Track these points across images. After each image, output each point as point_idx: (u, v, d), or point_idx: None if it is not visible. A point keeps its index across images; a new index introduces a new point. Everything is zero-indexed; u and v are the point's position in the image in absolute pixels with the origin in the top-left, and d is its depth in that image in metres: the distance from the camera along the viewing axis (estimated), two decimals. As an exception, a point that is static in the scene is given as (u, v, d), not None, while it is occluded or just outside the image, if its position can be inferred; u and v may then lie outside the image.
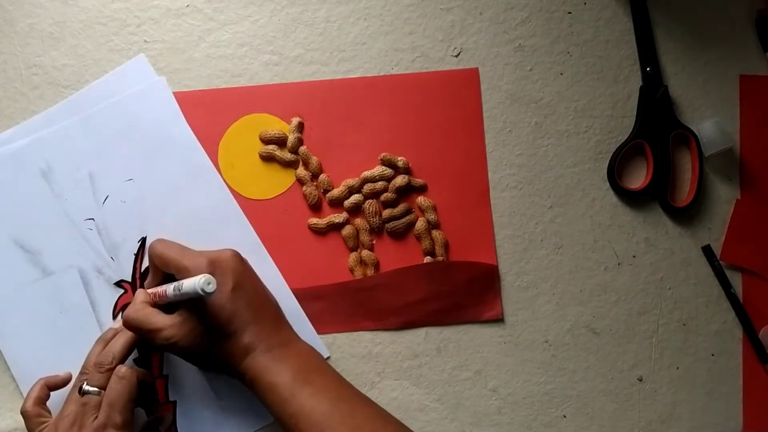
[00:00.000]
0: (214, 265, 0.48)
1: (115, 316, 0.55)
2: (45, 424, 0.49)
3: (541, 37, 0.59)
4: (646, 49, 0.59)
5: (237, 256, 0.51)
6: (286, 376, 0.47)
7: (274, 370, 0.47)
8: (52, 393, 0.52)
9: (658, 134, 0.58)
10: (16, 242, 0.55)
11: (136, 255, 0.56)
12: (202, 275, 0.44)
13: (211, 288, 0.44)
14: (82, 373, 0.50)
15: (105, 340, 0.52)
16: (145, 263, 0.56)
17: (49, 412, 0.51)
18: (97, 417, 0.47)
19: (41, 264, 0.55)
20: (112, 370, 0.48)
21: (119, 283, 0.56)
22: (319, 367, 0.50)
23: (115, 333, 0.52)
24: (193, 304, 0.48)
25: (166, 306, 0.50)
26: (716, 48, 0.60)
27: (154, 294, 0.50)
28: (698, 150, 0.58)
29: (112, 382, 0.48)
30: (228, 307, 0.48)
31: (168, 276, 0.52)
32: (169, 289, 0.48)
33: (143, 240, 0.56)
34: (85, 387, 0.48)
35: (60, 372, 0.53)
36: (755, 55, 0.60)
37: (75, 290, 0.55)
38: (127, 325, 0.49)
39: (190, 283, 0.44)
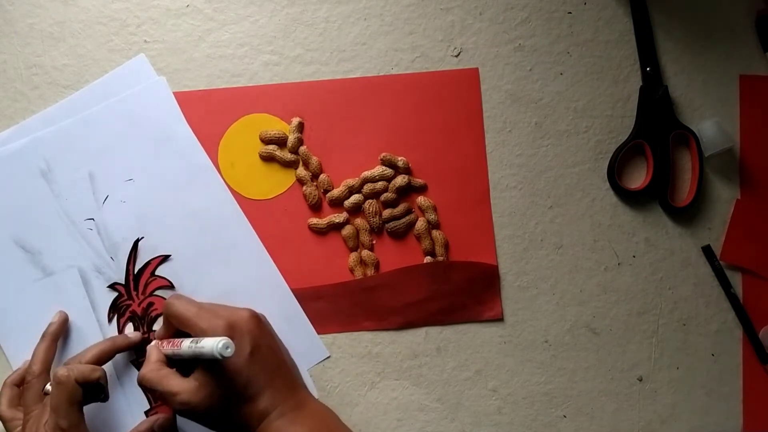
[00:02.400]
0: (232, 328, 0.47)
1: (110, 320, 0.55)
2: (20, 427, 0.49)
3: (541, 37, 0.59)
4: (646, 49, 0.59)
5: (254, 317, 0.50)
6: None
7: None
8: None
9: (658, 134, 0.58)
10: (17, 242, 0.55)
11: (129, 257, 0.56)
12: (221, 338, 0.43)
13: (229, 352, 0.43)
14: None
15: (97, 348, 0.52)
16: (139, 264, 0.56)
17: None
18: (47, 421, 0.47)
19: (41, 264, 0.55)
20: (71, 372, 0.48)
21: (113, 286, 0.55)
22: (334, 427, 0.49)
23: (113, 342, 0.52)
24: (208, 367, 0.47)
25: (180, 363, 0.49)
26: (716, 48, 0.60)
27: (169, 344, 0.49)
28: (698, 150, 0.58)
29: (52, 387, 0.47)
30: (245, 372, 0.47)
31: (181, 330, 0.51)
32: (185, 344, 0.47)
33: (136, 242, 0.56)
34: (47, 387, 0.49)
35: (15, 366, 0.54)
36: (755, 55, 0.60)
37: (75, 290, 0.55)
38: (142, 384, 0.48)
39: (208, 345, 0.44)
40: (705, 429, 0.58)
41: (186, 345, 0.46)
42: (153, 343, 0.52)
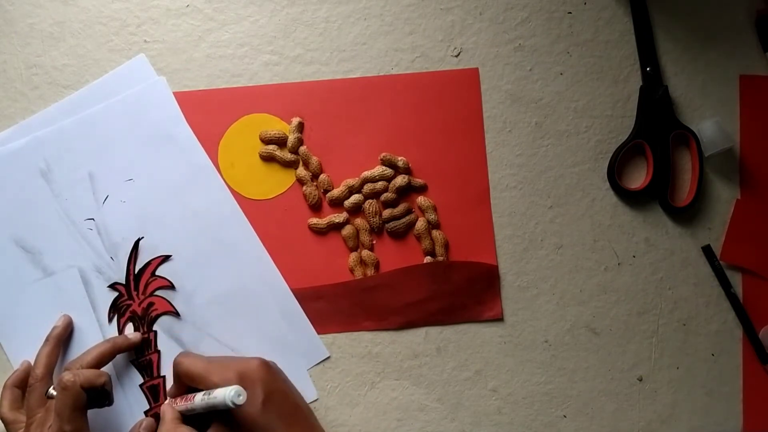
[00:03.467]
0: (242, 378, 0.47)
1: (110, 319, 0.55)
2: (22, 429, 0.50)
3: (541, 37, 0.59)
4: (646, 49, 0.59)
5: (264, 364, 0.49)
6: None
7: None
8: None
9: (658, 134, 0.58)
10: (17, 242, 0.55)
11: (130, 257, 0.56)
12: (232, 387, 0.43)
13: (241, 400, 0.43)
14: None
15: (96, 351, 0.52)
16: (139, 265, 0.56)
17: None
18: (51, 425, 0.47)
19: (42, 264, 0.55)
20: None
21: (113, 286, 0.56)
22: None
23: (113, 344, 0.52)
24: (224, 420, 0.46)
25: (195, 420, 0.49)
26: (716, 48, 0.60)
27: (182, 400, 0.49)
28: (698, 150, 0.58)
29: (57, 392, 0.47)
30: (260, 421, 0.46)
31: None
32: (197, 398, 0.47)
33: (137, 242, 0.56)
34: (50, 391, 0.49)
35: (17, 366, 0.54)
36: (755, 55, 0.60)
37: (75, 290, 0.55)
38: None
39: (220, 395, 0.44)
40: (705, 429, 0.58)
41: (199, 398, 0.46)
42: (166, 401, 0.51)
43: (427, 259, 0.57)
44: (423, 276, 0.57)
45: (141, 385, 0.55)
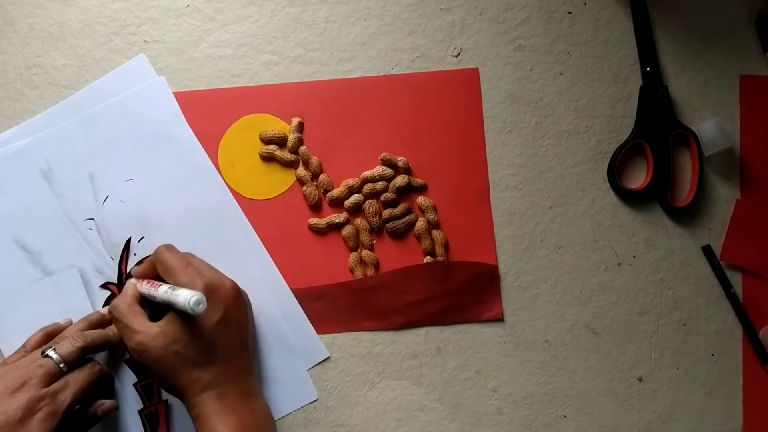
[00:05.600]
0: (210, 291, 0.48)
1: None
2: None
3: (541, 37, 0.59)
4: (646, 49, 0.59)
5: (235, 289, 0.51)
6: (227, 428, 0.46)
7: (221, 419, 0.46)
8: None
9: (658, 134, 0.58)
10: (17, 242, 0.55)
11: (121, 257, 0.56)
12: (196, 293, 0.44)
13: (200, 308, 0.44)
14: (54, 340, 0.51)
15: (88, 321, 0.53)
16: (131, 264, 0.56)
17: None
18: (48, 386, 0.47)
19: (41, 264, 0.55)
20: (82, 350, 0.49)
21: (105, 285, 0.56)
22: (264, 429, 0.49)
23: (101, 317, 0.53)
24: (175, 320, 0.47)
25: (151, 307, 0.50)
26: (716, 48, 0.60)
27: (148, 284, 0.50)
28: (698, 150, 0.58)
29: (83, 372, 0.48)
30: (206, 337, 0.47)
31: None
32: (162, 288, 0.48)
33: (128, 241, 0.56)
34: (49, 351, 0.48)
35: (61, 321, 0.54)
36: (755, 55, 0.60)
37: (75, 290, 0.55)
38: (111, 312, 0.50)
39: (182, 296, 0.44)
40: (705, 429, 0.58)
41: (163, 290, 0.47)
42: (132, 279, 0.53)
43: (427, 259, 0.57)
44: (423, 276, 0.57)
45: (135, 384, 0.55)
